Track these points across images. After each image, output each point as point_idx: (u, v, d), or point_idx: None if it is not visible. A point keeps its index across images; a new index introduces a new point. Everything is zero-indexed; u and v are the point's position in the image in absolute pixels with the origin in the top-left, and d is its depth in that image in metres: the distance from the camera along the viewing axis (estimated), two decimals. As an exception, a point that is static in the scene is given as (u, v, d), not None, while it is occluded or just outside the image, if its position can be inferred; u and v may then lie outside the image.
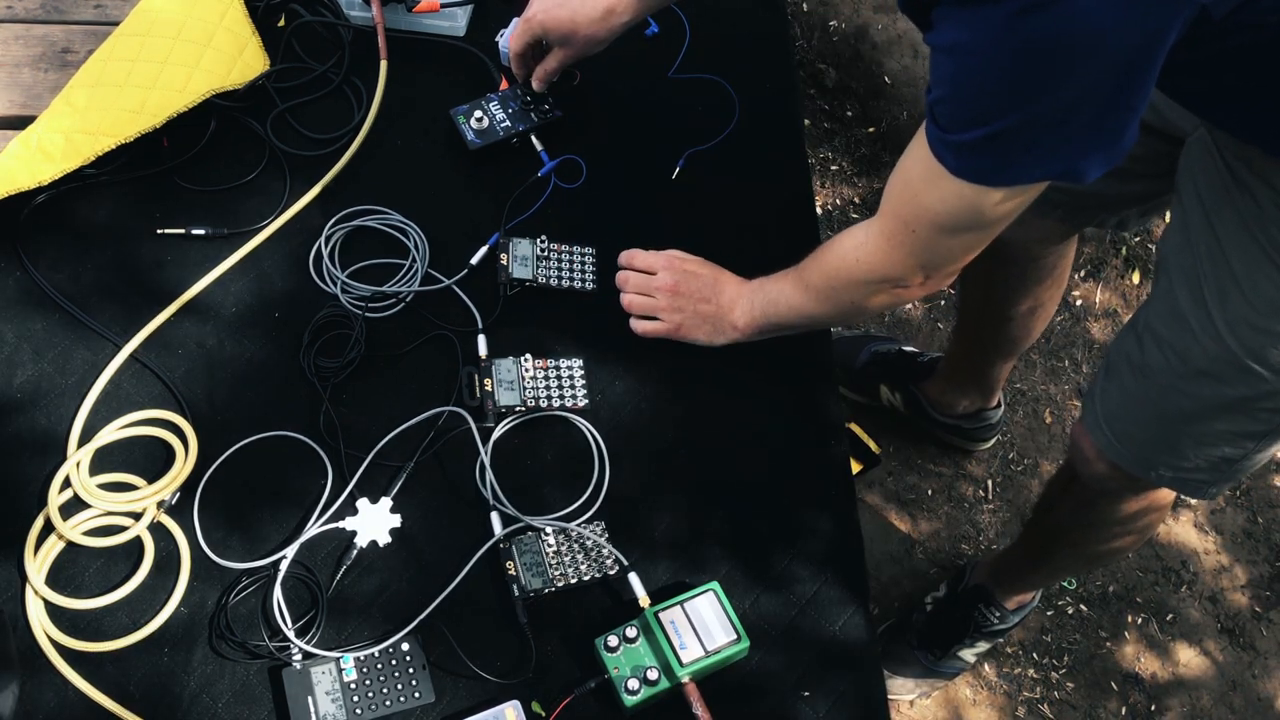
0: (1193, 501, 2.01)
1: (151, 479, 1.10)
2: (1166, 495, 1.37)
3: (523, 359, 1.18)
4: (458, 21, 1.43)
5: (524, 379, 1.17)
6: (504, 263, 1.24)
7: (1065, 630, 1.89)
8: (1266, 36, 0.86)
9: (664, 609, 1.04)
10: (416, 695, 1.01)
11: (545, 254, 1.26)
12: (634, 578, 1.07)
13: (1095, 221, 1.49)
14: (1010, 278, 1.61)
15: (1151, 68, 0.81)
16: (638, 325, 1.22)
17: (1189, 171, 1.15)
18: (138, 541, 1.07)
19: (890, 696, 1.73)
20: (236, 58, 1.36)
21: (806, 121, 2.33)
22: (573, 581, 1.06)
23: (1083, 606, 1.91)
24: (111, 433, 1.13)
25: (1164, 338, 1.17)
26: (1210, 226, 1.11)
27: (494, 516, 1.10)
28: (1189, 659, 1.89)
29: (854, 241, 1.09)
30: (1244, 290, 1.08)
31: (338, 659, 1.02)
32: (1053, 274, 1.60)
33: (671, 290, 1.21)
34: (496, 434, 1.15)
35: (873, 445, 1.41)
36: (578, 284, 1.26)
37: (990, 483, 2.01)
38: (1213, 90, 0.99)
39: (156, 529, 1.08)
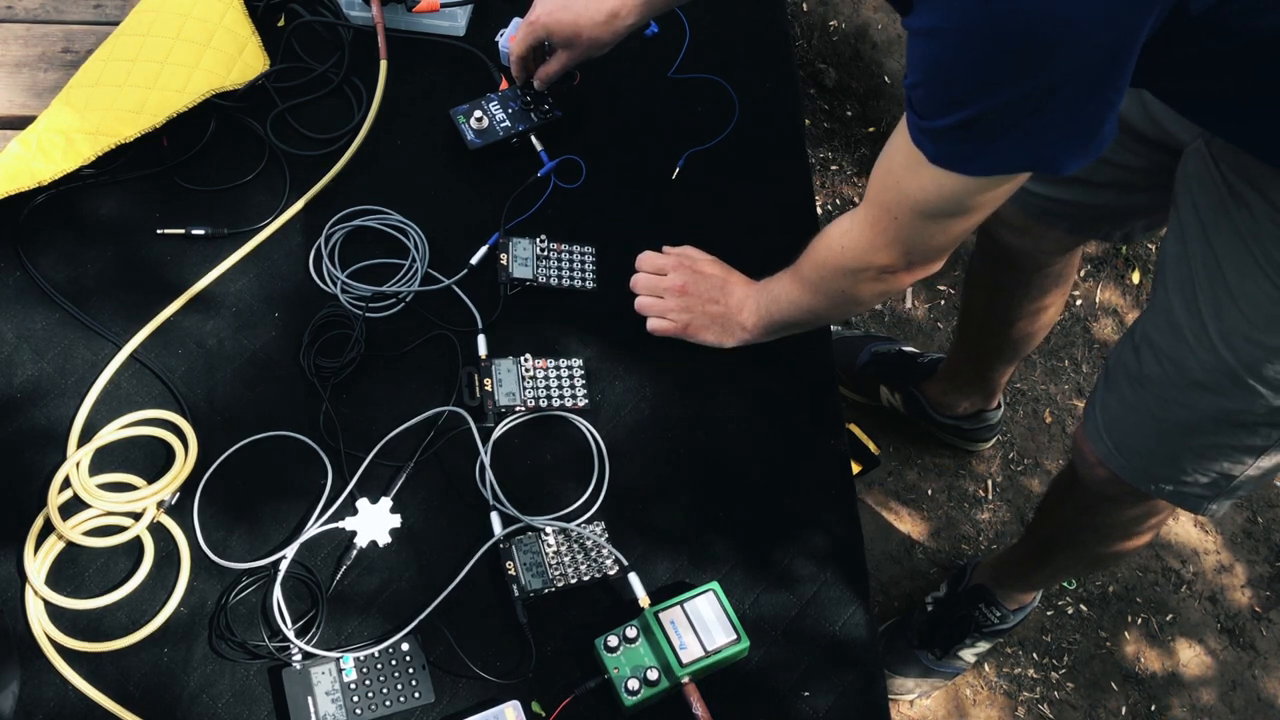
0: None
1: (151, 479, 1.10)
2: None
3: (523, 359, 1.18)
4: (458, 21, 1.43)
5: (524, 379, 1.17)
6: (504, 263, 1.24)
7: (1065, 630, 1.89)
8: (1244, 41, 0.86)
9: (664, 609, 1.04)
10: (416, 695, 1.01)
11: (545, 254, 1.26)
12: (634, 578, 1.07)
13: (1100, 234, 1.49)
14: (1015, 285, 1.62)
15: (1127, 59, 0.81)
16: (651, 323, 1.23)
17: (1186, 182, 1.15)
18: (138, 541, 1.07)
19: (890, 696, 1.73)
20: (236, 58, 1.36)
21: (806, 121, 2.33)
22: (572, 582, 1.06)
23: (1083, 606, 1.91)
24: (111, 433, 1.13)
25: (1161, 348, 1.17)
26: (1206, 238, 1.11)
27: (494, 516, 1.10)
28: (1189, 659, 1.89)
29: (840, 230, 1.09)
30: (1239, 303, 1.08)
31: (338, 659, 1.02)
32: (1058, 281, 1.60)
33: (680, 291, 1.23)
34: (496, 434, 1.15)
35: (872, 446, 1.41)
36: (578, 283, 1.26)
37: (990, 483, 2.01)
38: (1205, 93, 0.99)
39: (156, 529, 1.08)
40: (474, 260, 1.26)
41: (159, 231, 1.26)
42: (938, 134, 0.89)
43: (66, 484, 1.09)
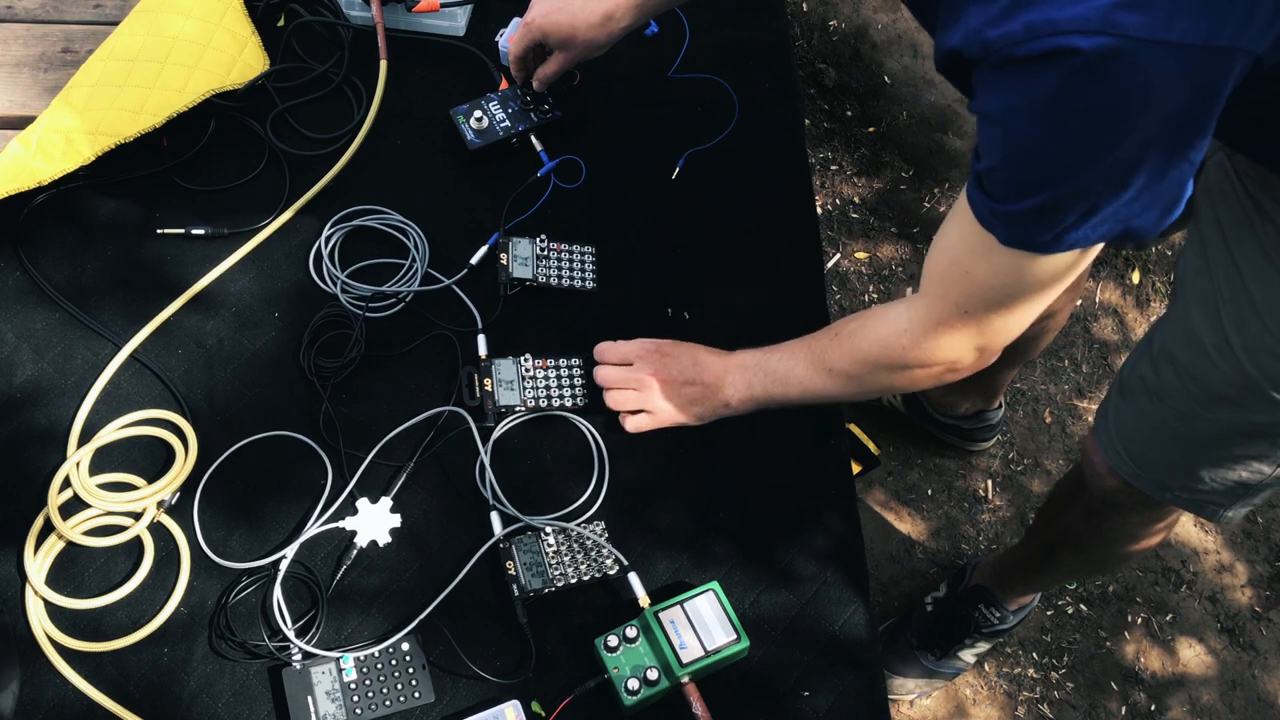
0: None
1: (151, 479, 1.10)
2: (1176, 508, 1.36)
3: (523, 359, 1.18)
4: (458, 21, 1.43)
5: (524, 379, 1.17)
6: (504, 262, 1.24)
7: (1065, 630, 1.89)
8: None
9: (664, 609, 1.03)
10: (416, 695, 1.01)
11: (545, 253, 1.26)
12: (634, 577, 1.07)
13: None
14: None
15: (1209, 121, 0.79)
16: (627, 423, 1.16)
17: (1207, 195, 1.13)
18: (138, 541, 1.07)
19: (890, 696, 1.73)
20: (236, 58, 1.36)
21: (806, 121, 2.33)
22: (572, 581, 1.06)
23: (1083, 606, 1.91)
24: (111, 432, 1.13)
25: (1180, 362, 1.15)
26: (1229, 253, 1.09)
27: (494, 516, 1.10)
28: (1189, 658, 1.89)
29: (894, 329, 1.03)
30: (1264, 319, 1.06)
31: (337, 659, 1.02)
32: (1067, 286, 1.59)
33: (652, 380, 1.16)
34: (496, 434, 1.15)
35: (872, 447, 1.41)
36: (578, 283, 1.26)
37: (990, 483, 2.01)
38: (1245, 121, 0.97)
39: (156, 529, 1.08)
40: (474, 260, 1.26)
41: (159, 231, 1.26)
42: (1015, 216, 0.85)
43: (66, 484, 1.09)
